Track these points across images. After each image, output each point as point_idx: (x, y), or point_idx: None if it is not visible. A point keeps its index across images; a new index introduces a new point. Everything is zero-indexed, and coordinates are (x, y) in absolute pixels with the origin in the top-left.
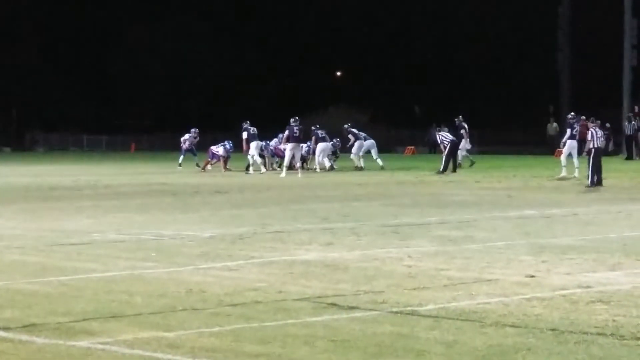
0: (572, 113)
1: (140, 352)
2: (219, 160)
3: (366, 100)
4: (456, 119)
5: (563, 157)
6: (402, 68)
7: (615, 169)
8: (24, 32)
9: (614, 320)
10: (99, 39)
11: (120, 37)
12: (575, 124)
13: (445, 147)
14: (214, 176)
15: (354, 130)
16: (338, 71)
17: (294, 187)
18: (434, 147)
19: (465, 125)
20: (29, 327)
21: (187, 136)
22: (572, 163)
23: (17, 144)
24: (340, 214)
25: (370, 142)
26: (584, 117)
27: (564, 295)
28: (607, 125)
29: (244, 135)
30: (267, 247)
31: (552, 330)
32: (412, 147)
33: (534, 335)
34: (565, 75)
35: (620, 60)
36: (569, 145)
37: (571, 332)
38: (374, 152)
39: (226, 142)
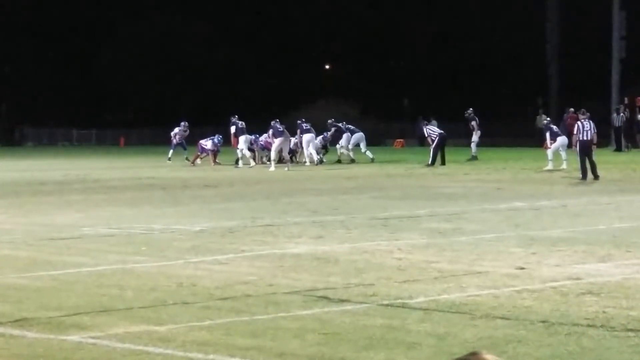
0: (548, 119)
1: (131, 346)
2: (208, 154)
3: (356, 94)
4: (465, 113)
5: (550, 152)
6: (391, 61)
7: (604, 161)
8: (13, 27)
9: (604, 312)
10: (89, 34)
11: (109, 31)
12: (550, 124)
13: (432, 141)
14: (203, 170)
15: (339, 124)
16: (327, 64)
17: (283, 181)
18: (422, 140)
19: (476, 118)
20: (20, 322)
21: (177, 130)
22: (560, 156)
23: (6, 139)
24: (330, 207)
25: (359, 134)
26: (572, 110)
27: (554, 287)
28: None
29: (232, 129)
30: (258, 240)
31: (543, 322)
32: (402, 139)
33: (524, 327)
34: (554, 67)
35: (608, 52)
36: (560, 142)
37: (562, 323)
38: (362, 145)
39: (215, 136)
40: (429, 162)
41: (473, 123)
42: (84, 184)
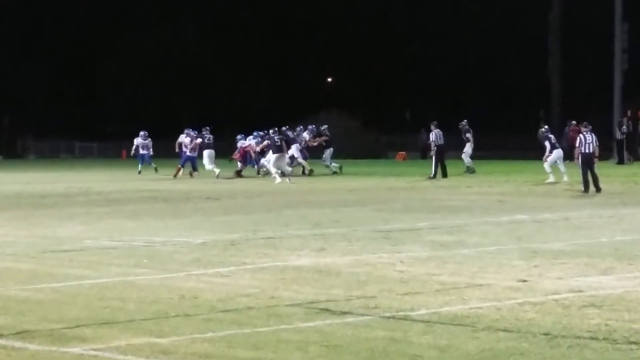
0: (546, 126)
1: (133, 358)
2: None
3: (357, 106)
4: (460, 124)
5: (547, 165)
6: (393, 74)
7: (606, 174)
8: (15, 39)
9: (606, 325)
10: (91, 46)
11: (111, 44)
12: (549, 133)
13: (433, 149)
14: (205, 183)
15: (289, 133)
16: (329, 77)
17: (285, 193)
18: (425, 151)
19: (471, 130)
20: (22, 334)
21: (137, 141)
22: (559, 169)
23: (8, 151)
24: (331, 219)
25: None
26: (574, 122)
27: (556, 300)
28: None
29: (198, 140)
30: (259, 253)
31: (545, 334)
32: (404, 152)
33: (526, 340)
34: (556, 80)
35: (610, 64)
36: (556, 155)
37: (564, 336)
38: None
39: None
40: (431, 175)
41: (468, 135)
42: (86, 197)
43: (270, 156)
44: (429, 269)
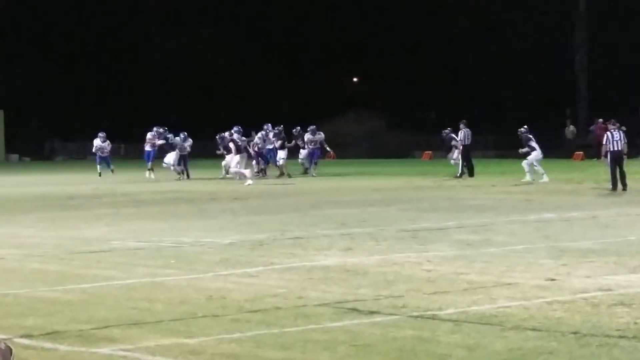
0: (525, 127)
1: (161, 358)
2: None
3: (383, 105)
4: (443, 132)
5: (525, 163)
6: (419, 73)
7: (633, 172)
8: (42, 43)
9: (635, 323)
10: (117, 51)
11: (138, 48)
12: (528, 133)
13: (459, 148)
14: (231, 183)
15: (237, 139)
16: (355, 77)
17: (311, 193)
18: (449, 152)
19: (456, 137)
20: (51, 335)
21: (96, 143)
22: (536, 170)
23: (36, 153)
24: (358, 219)
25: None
26: (601, 120)
27: (585, 299)
28: (623, 128)
29: (159, 142)
30: (287, 253)
31: (574, 333)
32: (430, 151)
33: (555, 339)
34: (583, 78)
35: (638, 62)
36: (535, 156)
37: (593, 335)
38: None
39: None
40: (458, 174)
41: (453, 142)
42: (112, 198)
43: (233, 158)
44: (457, 268)
